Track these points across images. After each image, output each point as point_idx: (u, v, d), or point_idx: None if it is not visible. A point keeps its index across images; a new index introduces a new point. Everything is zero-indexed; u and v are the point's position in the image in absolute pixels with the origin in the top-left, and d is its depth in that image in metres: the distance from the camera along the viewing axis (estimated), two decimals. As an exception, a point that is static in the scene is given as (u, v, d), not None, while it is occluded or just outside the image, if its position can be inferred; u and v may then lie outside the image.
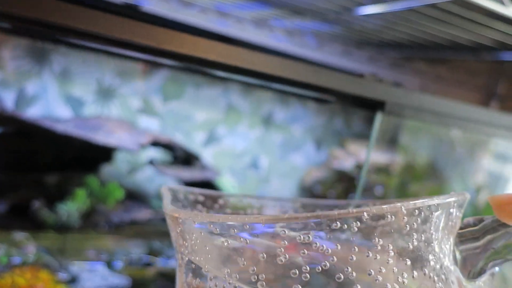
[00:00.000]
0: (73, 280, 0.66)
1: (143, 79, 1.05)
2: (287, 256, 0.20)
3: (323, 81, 0.44)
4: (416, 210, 0.21)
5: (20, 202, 0.84)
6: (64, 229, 0.82)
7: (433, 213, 0.22)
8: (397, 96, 0.45)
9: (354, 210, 0.19)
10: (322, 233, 0.20)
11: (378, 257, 0.21)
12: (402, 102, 0.44)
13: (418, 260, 0.22)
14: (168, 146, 0.95)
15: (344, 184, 1.12)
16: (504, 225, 0.22)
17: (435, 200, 0.21)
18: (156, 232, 0.93)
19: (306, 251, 0.20)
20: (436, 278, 0.22)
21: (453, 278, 0.23)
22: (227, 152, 1.19)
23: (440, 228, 0.22)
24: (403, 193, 1.06)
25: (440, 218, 0.22)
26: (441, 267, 0.22)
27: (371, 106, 0.47)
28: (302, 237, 0.20)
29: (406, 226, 0.21)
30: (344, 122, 1.32)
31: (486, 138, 1.19)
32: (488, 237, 0.23)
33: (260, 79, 0.49)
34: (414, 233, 0.21)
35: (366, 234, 0.21)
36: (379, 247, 0.21)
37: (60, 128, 0.79)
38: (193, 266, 0.24)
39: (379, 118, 0.45)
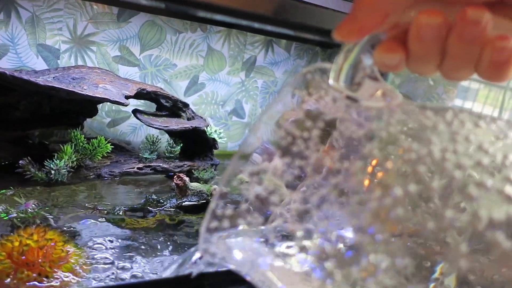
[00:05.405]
0: (76, 235, 0.65)
1: (118, 26, 0.99)
2: None
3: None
4: None
5: (4, 161, 0.80)
6: (54, 185, 0.79)
7: None
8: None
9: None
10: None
11: None
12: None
13: None
14: (152, 96, 0.92)
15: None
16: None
17: None
18: (148, 181, 0.92)
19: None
20: None
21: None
22: (209, 100, 1.17)
23: None
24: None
25: None
26: None
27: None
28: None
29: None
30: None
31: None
32: None
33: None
34: None
35: None
36: None
37: (41, 80, 0.74)
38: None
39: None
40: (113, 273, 0.56)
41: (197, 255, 0.32)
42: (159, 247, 0.65)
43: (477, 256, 0.22)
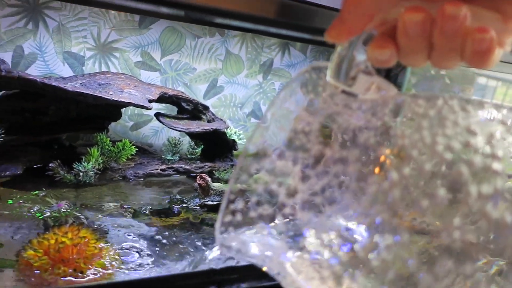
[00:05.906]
0: (106, 233, 0.68)
1: (140, 32, 1.03)
2: None
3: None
4: None
5: (35, 164, 0.84)
6: (82, 186, 0.83)
7: None
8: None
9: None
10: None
11: None
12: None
13: None
14: (174, 100, 0.95)
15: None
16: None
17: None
18: (171, 182, 0.95)
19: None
20: None
21: None
22: (228, 102, 1.20)
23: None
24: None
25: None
26: None
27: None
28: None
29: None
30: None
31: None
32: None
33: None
34: None
35: None
36: None
37: (69, 87, 0.77)
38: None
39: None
40: (141, 267, 0.59)
41: (215, 250, 0.34)
42: (185, 243, 0.68)
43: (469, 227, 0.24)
